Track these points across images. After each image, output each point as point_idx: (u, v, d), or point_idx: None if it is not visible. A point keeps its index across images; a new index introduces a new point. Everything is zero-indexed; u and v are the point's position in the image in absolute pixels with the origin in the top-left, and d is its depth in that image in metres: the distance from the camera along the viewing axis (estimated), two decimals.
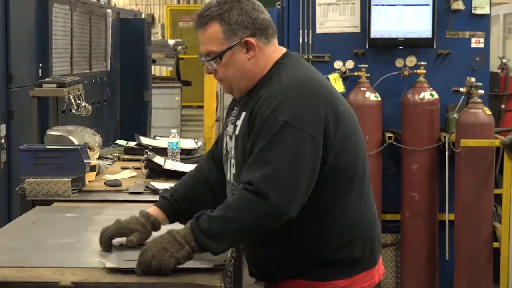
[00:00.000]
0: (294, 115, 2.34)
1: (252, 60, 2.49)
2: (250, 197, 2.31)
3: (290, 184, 2.30)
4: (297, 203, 2.32)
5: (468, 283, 5.58)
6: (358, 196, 2.49)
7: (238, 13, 2.45)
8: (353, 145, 2.49)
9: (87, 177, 3.97)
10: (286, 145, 2.32)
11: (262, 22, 2.49)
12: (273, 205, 2.28)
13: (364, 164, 2.54)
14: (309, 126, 2.34)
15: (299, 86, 2.43)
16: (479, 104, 5.56)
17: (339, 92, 5.88)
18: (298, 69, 2.52)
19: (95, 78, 7.85)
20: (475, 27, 6.01)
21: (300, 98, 2.38)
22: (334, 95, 2.51)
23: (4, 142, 5.71)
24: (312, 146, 2.34)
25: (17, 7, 5.86)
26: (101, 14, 8.27)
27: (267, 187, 2.28)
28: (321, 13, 6.03)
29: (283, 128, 2.32)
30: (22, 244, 2.85)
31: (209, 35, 2.48)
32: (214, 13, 2.45)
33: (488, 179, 5.53)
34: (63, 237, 2.93)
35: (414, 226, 5.82)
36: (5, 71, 5.72)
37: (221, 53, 2.46)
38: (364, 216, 2.52)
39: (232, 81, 2.53)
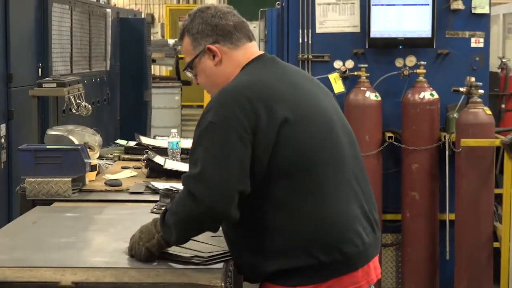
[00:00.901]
0: (221, 115, 2.38)
1: (218, 66, 2.58)
2: (182, 195, 2.41)
3: (217, 182, 2.33)
4: (229, 200, 2.34)
5: (468, 283, 5.59)
6: (316, 198, 2.43)
7: (198, 22, 2.58)
8: (305, 147, 2.43)
9: (88, 177, 3.97)
10: (212, 145, 2.37)
11: (224, 28, 2.57)
12: (201, 204, 2.33)
13: (334, 166, 2.48)
14: (237, 125, 2.36)
15: (235, 88, 2.46)
16: (479, 104, 5.57)
17: (338, 92, 5.98)
18: (250, 73, 2.54)
19: (95, 77, 7.85)
20: (474, 27, 6.02)
21: (231, 100, 2.41)
22: (278, 99, 2.45)
23: (4, 142, 5.71)
24: (239, 145, 2.36)
25: (17, 7, 5.86)
26: (101, 14, 8.27)
27: (195, 187, 2.34)
28: (320, 13, 6.03)
29: (209, 128, 2.39)
30: (22, 244, 2.85)
31: (184, 47, 2.66)
32: (184, 27, 2.63)
33: (488, 179, 5.54)
34: (64, 237, 2.93)
35: (415, 226, 5.82)
36: (5, 71, 5.72)
37: (190, 62, 2.62)
38: (326, 218, 2.43)
39: (208, 88, 2.66)
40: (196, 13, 2.61)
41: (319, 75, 5.94)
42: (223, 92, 2.46)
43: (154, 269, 2.49)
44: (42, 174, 3.73)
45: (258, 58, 2.61)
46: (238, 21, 2.61)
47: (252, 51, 2.62)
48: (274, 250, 2.42)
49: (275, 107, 2.41)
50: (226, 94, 2.45)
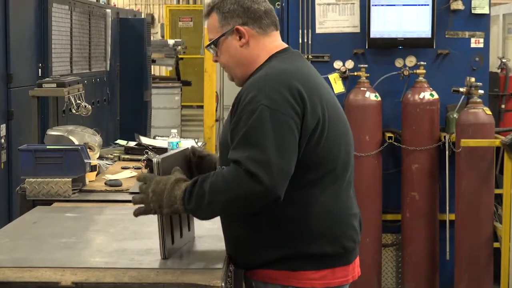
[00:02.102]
0: (274, 99, 2.40)
1: (244, 47, 2.60)
2: (238, 174, 2.36)
3: (279, 166, 2.36)
4: (284, 183, 2.38)
5: (468, 283, 5.59)
6: (331, 193, 2.52)
7: (231, 2, 2.59)
8: (331, 145, 2.52)
9: (88, 177, 3.97)
10: (269, 128, 2.38)
11: (255, 12, 2.59)
12: (262, 185, 2.33)
13: (344, 166, 2.56)
14: (291, 110, 2.41)
15: (283, 74, 2.50)
16: (479, 104, 5.57)
17: (338, 92, 5.98)
18: (287, 62, 2.58)
19: (95, 78, 7.85)
20: (474, 27, 6.02)
21: (282, 85, 2.45)
22: (318, 94, 2.54)
23: (4, 142, 5.71)
24: (295, 129, 2.41)
25: (17, 7, 5.87)
26: (101, 14, 8.27)
27: (256, 167, 2.34)
28: (320, 13, 6.04)
29: (264, 111, 2.39)
30: (22, 244, 2.85)
31: (209, 24, 2.65)
32: (213, 4, 2.62)
33: (488, 179, 5.54)
34: (64, 237, 2.93)
35: (415, 226, 5.82)
36: (4, 71, 5.73)
37: (215, 40, 2.62)
38: (336, 213, 2.54)
39: (229, 68, 2.67)
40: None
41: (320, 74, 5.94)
42: (271, 77, 2.48)
43: (153, 270, 2.49)
44: (42, 175, 3.74)
45: (287, 49, 2.67)
46: (268, 7, 2.64)
47: (279, 41, 2.68)
48: (283, 238, 2.48)
49: (316, 100, 2.49)
50: (275, 79, 2.47)
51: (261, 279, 2.54)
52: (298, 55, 2.71)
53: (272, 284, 2.51)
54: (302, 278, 2.49)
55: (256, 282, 2.56)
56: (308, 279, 2.49)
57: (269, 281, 2.52)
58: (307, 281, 2.49)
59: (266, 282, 2.53)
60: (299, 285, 2.49)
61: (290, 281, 2.49)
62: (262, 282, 2.54)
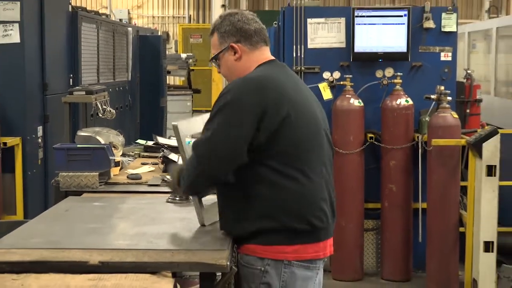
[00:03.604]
0: (238, 97, 2.52)
1: (238, 61, 2.70)
2: (192, 155, 2.60)
3: (219, 147, 2.50)
4: (223, 163, 2.52)
5: (438, 262, 5.59)
6: (300, 179, 2.55)
7: (227, 24, 2.71)
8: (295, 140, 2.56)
9: (112, 172, 3.98)
10: (224, 120, 2.51)
11: (246, 31, 2.70)
12: (201, 162, 2.54)
13: (312, 158, 2.61)
14: (249, 108, 2.50)
15: (253, 79, 2.60)
16: (447, 109, 5.57)
17: (327, 99, 5.98)
18: (267, 70, 2.67)
19: (118, 86, 7.86)
20: (444, 43, 6.03)
21: (249, 87, 2.56)
22: (287, 98, 2.58)
23: (41, 142, 5.74)
24: (247, 125, 2.49)
25: (51, 26, 5.88)
26: (123, 32, 8.29)
27: (199, 148, 2.54)
28: (311, 31, 6.04)
29: (225, 106, 2.52)
30: (57, 229, 2.86)
31: (212, 42, 2.77)
32: (214, 25, 2.76)
33: (455, 173, 5.54)
34: (92, 223, 2.94)
35: (392, 213, 5.83)
36: (41, 81, 5.74)
37: (216, 55, 2.74)
38: (305, 195, 2.57)
39: (228, 78, 2.77)
40: (226, 16, 2.74)
41: (311, 84, 5.93)
42: (243, 80, 2.60)
43: (169, 251, 2.49)
44: (73, 169, 3.75)
45: (272, 61, 2.75)
46: (258, 27, 2.74)
47: (267, 54, 2.76)
48: (257, 213, 2.55)
49: (283, 101, 2.55)
50: (246, 81, 2.59)
51: (244, 251, 2.60)
52: (279, 65, 2.78)
53: (251, 256, 2.58)
54: (276, 251, 2.55)
55: (240, 255, 2.62)
56: (282, 252, 2.55)
57: (249, 253, 2.58)
58: (280, 254, 2.55)
59: (247, 254, 2.59)
60: (274, 257, 2.55)
61: (266, 253, 2.55)
62: (244, 254, 2.60)
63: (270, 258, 2.56)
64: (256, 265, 2.57)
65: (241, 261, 2.61)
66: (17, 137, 5.40)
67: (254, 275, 2.58)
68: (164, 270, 2.35)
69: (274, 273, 2.56)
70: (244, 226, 2.57)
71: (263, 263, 2.56)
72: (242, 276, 2.62)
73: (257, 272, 2.57)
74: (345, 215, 5.72)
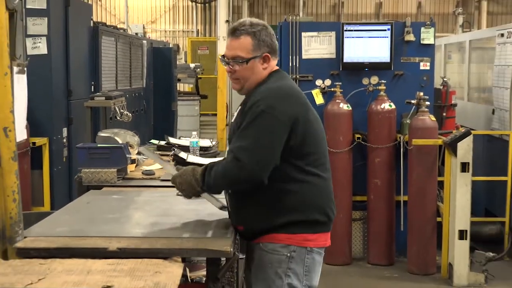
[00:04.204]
0: (270, 106, 2.47)
1: (264, 69, 2.63)
2: (229, 160, 2.48)
3: (262, 154, 2.44)
4: (264, 170, 2.44)
5: (418, 248, 5.59)
6: (320, 179, 2.58)
7: (265, 34, 2.61)
8: (317, 141, 2.58)
9: (129, 168, 3.98)
10: (261, 126, 2.45)
11: (275, 45, 2.66)
12: (244, 168, 2.43)
13: (326, 157, 2.63)
14: (281, 115, 2.47)
15: (280, 89, 2.57)
16: (426, 112, 5.58)
17: (319, 103, 5.98)
18: (282, 79, 2.65)
19: (134, 92, 7.86)
20: (422, 54, 6.02)
21: (278, 96, 2.53)
22: (306, 104, 2.61)
23: (66, 142, 5.74)
24: (282, 132, 2.46)
25: (75, 39, 5.88)
26: (139, 44, 8.28)
27: (242, 154, 2.43)
28: (305, 43, 6.03)
29: (261, 114, 2.46)
30: (79, 219, 2.86)
31: (240, 43, 2.60)
32: (249, 30, 2.60)
33: (433, 169, 5.54)
34: (110, 213, 2.93)
35: (377, 205, 5.82)
36: (66, 87, 5.75)
37: (249, 59, 2.59)
38: (324, 191, 2.60)
39: (245, 81, 2.63)
40: (263, 26, 2.63)
41: (305, 90, 5.92)
42: (270, 90, 2.55)
43: (179, 238, 2.49)
44: (94, 166, 3.74)
45: (279, 70, 2.71)
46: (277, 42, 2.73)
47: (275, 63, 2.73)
48: (286, 208, 2.51)
49: (307, 107, 2.59)
50: (275, 91, 2.54)
51: (268, 240, 2.54)
52: (286, 75, 2.75)
53: (277, 243, 2.53)
54: (301, 239, 2.53)
55: (263, 244, 2.55)
56: (306, 240, 2.53)
57: (275, 242, 2.53)
58: (305, 242, 2.53)
59: (273, 242, 2.53)
60: (299, 244, 2.53)
61: (292, 241, 2.52)
62: (270, 242, 2.54)
63: (296, 245, 2.53)
64: (283, 251, 2.53)
65: (265, 249, 2.55)
66: (44, 137, 5.40)
67: (280, 260, 2.53)
68: (175, 255, 2.36)
69: (299, 259, 2.54)
70: (273, 220, 2.53)
71: (289, 249, 2.53)
72: (266, 262, 2.55)
73: (284, 257, 2.53)
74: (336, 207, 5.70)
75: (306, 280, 2.56)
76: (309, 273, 2.56)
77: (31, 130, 5.19)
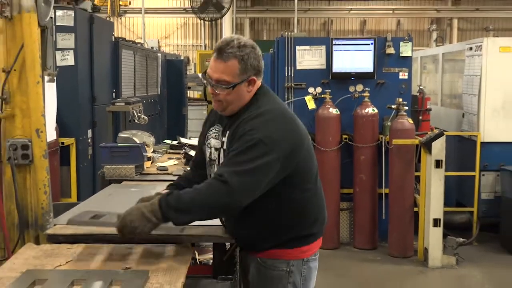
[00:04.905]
0: (268, 136, 2.09)
1: (249, 92, 2.22)
2: (217, 183, 2.07)
3: (254, 182, 2.08)
4: (248, 198, 2.09)
5: (397, 234, 5.59)
6: (314, 191, 2.30)
7: (254, 57, 2.19)
8: (310, 159, 2.27)
9: (145, 165, 3.97)
10: (255, 156, 2.06)
11: (261, 68, 2.24)
12: (232, 192, 2.04)
13: (315, 167, 2.32)
14: (277, 147, 2.09)
15: (273, 115, 2.17)
16: (404, 116, 5.57)
17: (311, 108, 5.96)
18: (271, 101, 2.25)
19: (150, 99, 7.85)
20: (401, 65, 6.00)
21: (273, 125, 2.14)
22: (300, 125, 2.25)
23: (90, 142, 5.74)
24: (276, 163, 2.09)
25: (98, 52, 5.88)
26: (154, 57, 8.28)
27: (232, 178, 2.04)
28: (299, 55, 6.02)
29: (258, 143, 2.07)
30: (102, 208, 2.83)
31: (227, 67, 2.16)
32: (237, 53, 2.16)
33: (410, 166, 5.53)
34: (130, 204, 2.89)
35: (362, 197, 5.81)
36: (90, 94, 5.74)
37: (236, 84, 2.17)
38: (319, 203, 2.32)
39: (229, 104, 2.22)
40: (252, 48, 2.20)
41: (299, 97, 5.96)
42: (267, 118, 2.15)
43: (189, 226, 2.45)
44: (115, 163, 3.74)
45: (263, 86, 2.29)
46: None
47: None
48: (287, 226, 2.25)
49: (301, 131, 2.24)
50: (270, 119, 2.15)
51: (266, 256, 2.27)
52: (271, 93, 2.33)
53: (277, 259, 2.26)
54: (299, 252, 2.28)
55: (262, 259, 2.27)
56: (302, 252, 2.28)
57: (274, 258, 2.26)
58: (301, 254, 2.28)
59: (272, 258, 2.26)
60: (296, 258, 2.27)
61: (290, 256, 2.27)
62: (269, 258, 2.26)
63: (294, 259, 2.26)
64: (282, 267, 2.26)
65: (263, 264, 2.27)
66: (72, 138, 5.39)
67: (281, 276, 2.26)
68: (185, 241, 2.34)
69: (297, 272, 2.28)
70: (273, 239, 2.25)
71: (288, 264, 2.26)
72: (267, 278, 2.28)
73: (283, 273, 2.26)
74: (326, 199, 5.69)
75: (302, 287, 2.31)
76: (305, 281, 2.31)
77: (60, 131, 5.19)
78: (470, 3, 16.37)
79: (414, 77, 6.81)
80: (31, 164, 2.49)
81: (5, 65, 2.45)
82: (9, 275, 1.98)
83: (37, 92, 2.48)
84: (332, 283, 4.93)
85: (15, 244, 2.44)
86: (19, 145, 2.47)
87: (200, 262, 2.81)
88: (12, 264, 2.11)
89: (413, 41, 6.04)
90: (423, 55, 8.41)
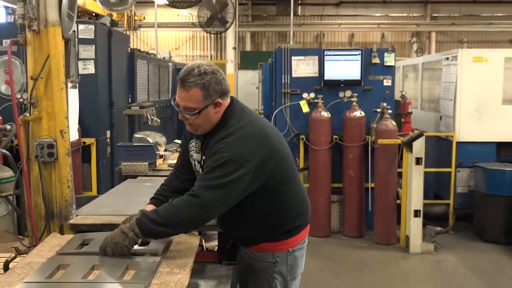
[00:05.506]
0: (237, 154, 2.00)
1: (216, 113, 2.12)
2: (189, 198, 1.99)
3: (218, 195, 1.98)
4: (220, 209, 2.03)
5: (382, 224, 5.58)
6: (295, 190, 2.21)
7: (215, 82, 2.08)
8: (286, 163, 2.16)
9: (158, 162, 3.97)
10: (226, 172, 1.98)
11: (226, 88, 2.13)
12: (203, 205, 1.96)
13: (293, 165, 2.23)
14: (247, 162, 2.00)
15: (244, 133, 2.06)
16: (388, 119, 5.57)
17: (306, 111, 5.95)
18: (242, 117, 2.13)
19: (162, 103, 7.85)
20: (386, 73, 6.00)
21: (245, 141, 2.04)
22: (270, 133, 2.13)
23: (109, 141, 5.73)
24: (247, 175, 1.99)
25: (116, 61, 5.87)
26: (166, 66, 8.28)
27: (203, 192, 1.97)
28: (295, 65, 6.02)
29: (228, 161, 1.98)
30: (119, 201, 2.85)
31: (190, 95, 2.07)
32: (198, 81, 2.07)
33: (394, 163, 5.53)
34: (144, 197, 2.90)
35: (350, 191, 5.81)
36: (109, 99, 5.74)
37: (200, 110, 2.08)
38: (301, 198, 2.25)
39: (199, 126, 2.14)
40: (212, 74, 2.09)
41: (294, 101, 5.95)
42: (237, 136, 2.05)
43: None
44: (131, 160, 3.74)
45: (232, 102, 2.17)
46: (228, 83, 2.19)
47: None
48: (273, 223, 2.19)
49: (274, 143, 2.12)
50: (242, 137, 2.05)
51: (254, 249, 2.23)
52: (241, 107, 2.20)
53: (263, 252, 2.22)
54: (283, 245, 2.22)
55: (250, 251, 2.24)
56: (287, 244, 2.22)
57: (261, 251, 2.22)
58: (286, 246, 2.23)
59: (258, 251, 2.22)
60: (281, 249, 2.22)
61: (275, 249, 2.22)
62: (256, 251, 2.23)
63: (279, 251, 2.21)
64: (268, 258, 2.22)
65: (252, 256, 2.24)
66: (92, 138, 5.39)
67: (267, 267, 2.22)
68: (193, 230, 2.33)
69: (282, 262, 2.22)
70: (262, 238, 2.20)
71: (273, 256, 2.21)
72: (255, 268, 2.24)
73: (269, 264, 2.22)
74: (318, 192, 5.71)
75: (289, 276, 2.25)
76: (292, 269, 2.25)
77: (82, 132, 5.18)
78: (446, 18, 16.39)
79: (397, 84, 6.80)
80: (56, 161, 2.49)
81: (33, 73, 2.45)
82: (37, 260, 1.99)
83: (61, 97, 2.48)
84: (323, 266, 4.94)
85: (42, 233, 2.45)
86: (45, 144, 2.47)
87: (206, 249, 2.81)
88: (39, 251, 2.12)
89: (396, 52, 6.04)
90: (405, 65, 8.40)
